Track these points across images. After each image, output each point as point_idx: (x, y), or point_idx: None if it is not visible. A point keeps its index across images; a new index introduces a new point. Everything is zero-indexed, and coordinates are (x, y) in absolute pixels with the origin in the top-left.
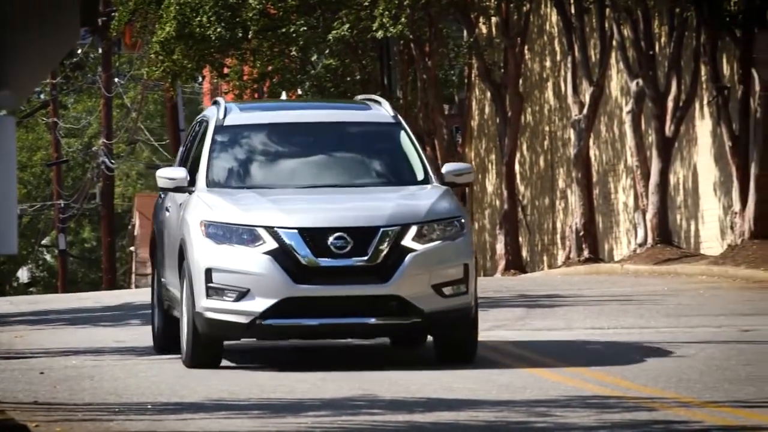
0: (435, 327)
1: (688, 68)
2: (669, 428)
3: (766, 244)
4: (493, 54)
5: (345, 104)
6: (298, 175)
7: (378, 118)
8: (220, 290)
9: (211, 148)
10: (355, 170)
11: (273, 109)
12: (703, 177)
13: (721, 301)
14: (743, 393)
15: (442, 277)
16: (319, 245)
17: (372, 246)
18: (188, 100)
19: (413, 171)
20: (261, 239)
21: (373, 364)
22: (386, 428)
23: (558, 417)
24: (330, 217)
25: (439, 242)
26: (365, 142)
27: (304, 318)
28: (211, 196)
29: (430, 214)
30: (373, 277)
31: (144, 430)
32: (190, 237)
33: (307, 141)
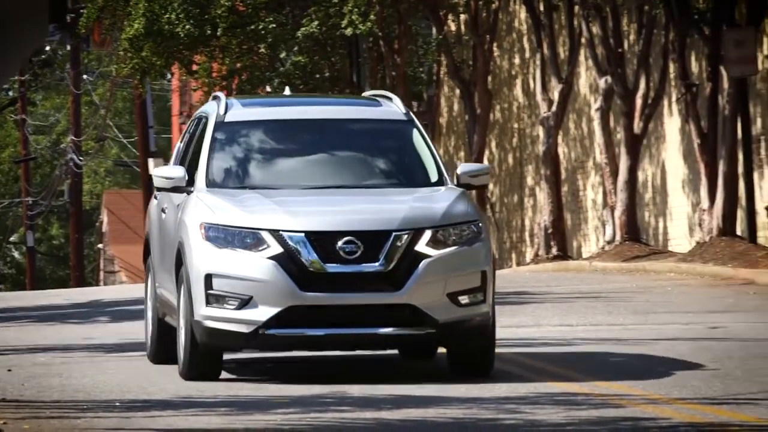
0: (450, 338)
1: (656, 66)
2: (637, 425)
3: (734, 241)
4: (462, 51)
5: (354, 100)
6: (303, 176)
7: (389, 115)
8: (220, 297)
9: (211, 146)
10: (364, 170)
11: (277, 104)
12: (672, 174)
13: (689, 298)
14: (711, 390)
15: (458, 284)
16: (327, 250)
17: (384, 251)
18: (157, 97)
19: (427, 172)
20: (265, 243)
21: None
22: (354, 425)
23: (527, 414)
24: (339, 219)
25: (455, 248)
26: (375, 141)
27: (311, 328)
28: (211, 197)
29: (446, 218)
30: (385, 285)
31: (112, 428)
32: (188, 240)
33: (313, 139)
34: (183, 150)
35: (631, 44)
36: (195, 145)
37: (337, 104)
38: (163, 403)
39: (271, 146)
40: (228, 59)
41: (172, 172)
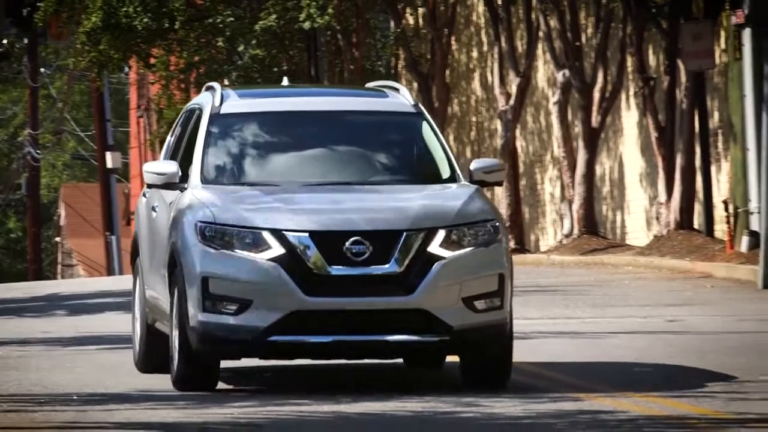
0: (465, 345)
1: (614, 59)
2: (595, 418)
3: (691, 234)
4: (420, 45)
5: (359, 91)
6: (306, 171)
7: (397, 107)
8: (218, 302)
9: (206, 139)
10: (371, 166)
11: (276, 95)
12: (629, 168)
13: (647, 291)
14: (669, 383)
15: (474, 288)
16: (334, 251)
17: (394, 252)
18: (114, 91)
19: (438, 167)
20: (266, 244)
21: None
22: (312, 418)
23: (485, 407)
24: (345, 218)
25: (470, 249)
26: (382, 134)
27: (315, 335)
28: (207, 194)
29: (460, 217)
30: (396, 289)
31: (69, 421)
32: (183, 241)
33: (316, 132)
34: (174, 144)
35: (588, 38)
36: (188, 139)
37: (341, 95)
38: (120, 397)
39: (271, 140)
40: (186, 53)
41: (164, 167)
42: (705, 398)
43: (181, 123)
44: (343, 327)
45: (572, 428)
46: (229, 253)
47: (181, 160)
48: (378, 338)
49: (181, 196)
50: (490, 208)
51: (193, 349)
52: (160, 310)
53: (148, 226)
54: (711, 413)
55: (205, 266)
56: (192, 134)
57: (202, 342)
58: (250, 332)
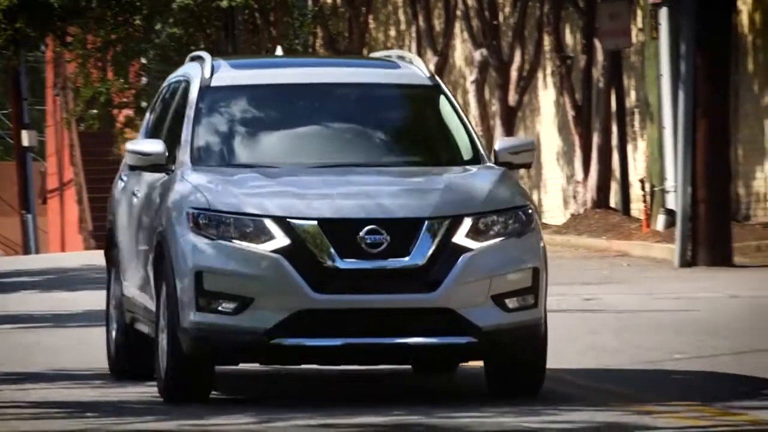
0: (495, 349)
1: (531, 38)
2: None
3: (607, 213)
4: (338, 23)
5: (367, 61)
6: (310, 152)
7: (411, 80)
8: (214, 300)
9: (195, 115)
10: (384, 146)
11: (274, 66)
12: (546, 146)
13: (564, 270)
14: (587, 361)
15: (505, 285)
16: (346, 242)
17: (415, 243)
18: (31, 69)
19: (459, 147)
20: (269, 233)
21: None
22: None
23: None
24: (360, 205)
25: (500, 240)
26: (396, 110)
27: (326, 337)
28: (200, 177)
29: (489, 203)
30: (417, 284)
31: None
32: (173, 230)
33: (320, 108)
34: (154, 122)
35: (506, 17)
36: (173, 116)
37: (349, 66)
38: (36, 376)
39: (269, 116)
40: (102, 31)
41: (149, 146)
42: (621, 378)
43: (162, 98)
44: (356, 328)
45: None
46: (227, 244)
47: (164, 139)
48: (397, 341)
49: (169, 180)
50: (523, 193)
51: (185, 354)
52: (142, 308)
53: (128, 213)
54: (624, 392)
55: (198, 259)
56: (178, 110)
57: (196, 345)
58: (250, 334)
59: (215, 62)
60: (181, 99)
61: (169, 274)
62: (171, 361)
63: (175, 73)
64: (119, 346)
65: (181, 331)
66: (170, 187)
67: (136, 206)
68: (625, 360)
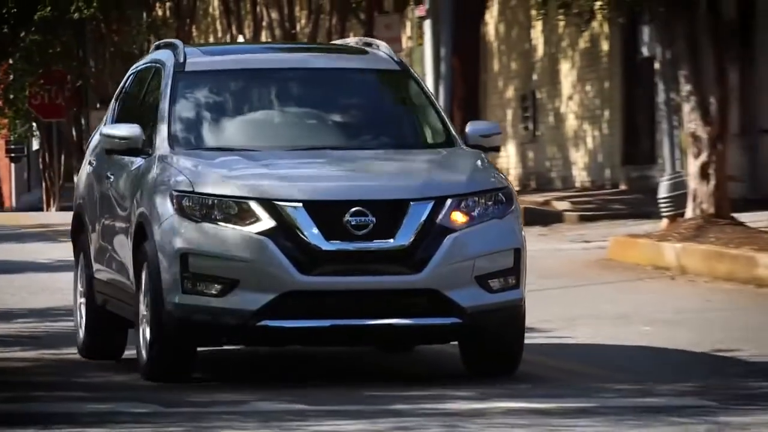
0: (478, 329)
1: None
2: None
3: None
4: (168, 32)
5: (336, 47)
6: (288, 135)
7: (380, 65)
8: (199, 282)
9: (171, 99)
10: (360, 129)
11: (246, 52)
12: None
13: None
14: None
15: (489, 266)
16: (332, 224)
17: (401, 225)
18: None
19: (432, 130)
20: (254, 215)
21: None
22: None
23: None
24: (345, 186)
25: (483, 221)
26: (368, 94)
27: (312, 319)
28: (182, 159)
29: (471, 185)
30: (403, 266)
31: None
32: (156, 212)
33: (294, 92)
34: (120, 109)
35: (302, 27)
36: (144, 101)
37: (319, 51)
38: None
39: (244, 100)
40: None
41: (126, 130)
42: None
43: (131, 84)
44: (342, 310)
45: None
46: (212, 226)
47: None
48: (382, 322)
49: (148, 163)
50: (501, 176)
51: (169, 336)
52: (117, 290)
53: (101, 196)
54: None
55: (183, 241)
56: (149, 95)
57: (181, 327)
58: (236, 316)
59: (187, 48)
60: (153, 84)
61: (152, 257)
62: (154, 344)
63: (142, 60)
64: (90, 328)
65: (166, 313)
66: (150, 170)
67: (111, 189)
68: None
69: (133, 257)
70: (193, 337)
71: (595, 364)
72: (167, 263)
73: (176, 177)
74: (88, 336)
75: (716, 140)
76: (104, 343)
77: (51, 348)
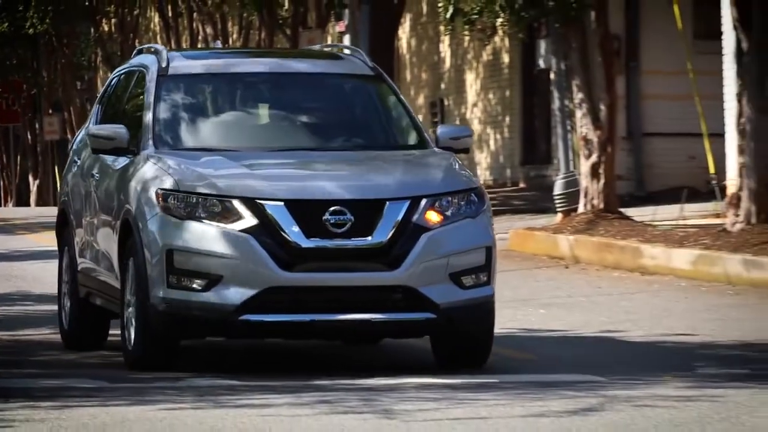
0: (451, 324)
1: None
2: None
3: None
4: (113, 45)
5: (313, 52)
6: (268, 136)
7: (355, 70)
8: (183, 277)
9: (155, 101)
10: (337, 131)
11: (227, 56)
12: None
13: None
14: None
15: (462, 263)
16: (312, 222)
17: (378, 223)
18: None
19: (405, 133)
20: (237, 213)
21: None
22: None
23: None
24: (324, 186)
25: (456, 220)
26: (345, 97)
27: (293, 313)
28: (166, 159)
29: (445, 185)
30: (379, 263)
31: None
32: (141, 210)
33: (273, 95)
34: (104, 111)
35: (235, 40)
36: (129, 103)
37: (296, 57)
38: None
39: (226, 102)
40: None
41: (112, 131)
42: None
43: (113, 88)
44: (322, 305)
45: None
46: (196, 223)
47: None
48: (360, 317)
49: (134, 162)
50: (472, 176)
51: (155, 329)
52: (100, 283)
53: (86, 194)
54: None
55: (168, 238)
56: (132, 98)
57: (165, 321)
58: (220, 310)
59: (170, 54)
60: (136, 87)
61: (138, 252)
62: (139, 335)
63: (124, 65)
64: (73, 319)
65: (151, 307)
66: (136, 168)
67: (96, 187)
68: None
69: (118, 253)
70: (177, 331)
71: (497, 343)
72: (152, 259)
73: (161, 176)
74: (71, 327)
75: (605, 143)
76: (87, 334)
77: (8, 330)
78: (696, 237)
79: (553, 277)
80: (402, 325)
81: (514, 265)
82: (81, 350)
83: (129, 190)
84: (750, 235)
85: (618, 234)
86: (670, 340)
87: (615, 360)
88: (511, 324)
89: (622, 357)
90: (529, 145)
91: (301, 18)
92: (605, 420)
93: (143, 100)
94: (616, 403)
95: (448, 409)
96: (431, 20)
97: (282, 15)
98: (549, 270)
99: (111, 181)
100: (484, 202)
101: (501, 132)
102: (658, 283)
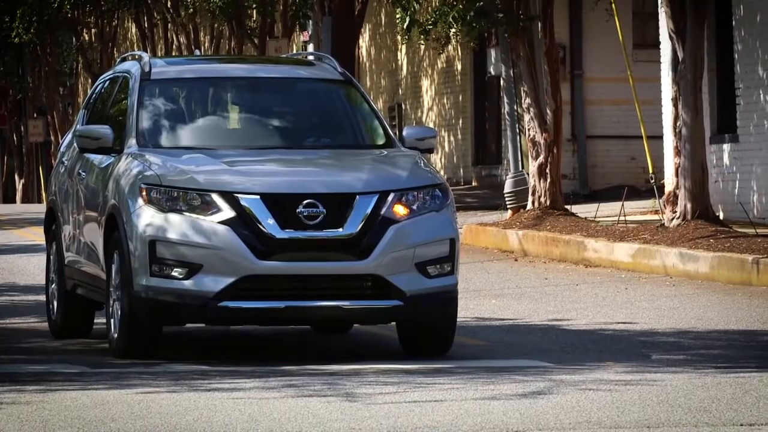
0: (417, 311)
1: None
2: None
3: None
4: (93, 54)
5: (286, 59)
6: (245, 136)
7: (326, 75)
8: (165, 266)
9: (138, 104)
10: (310, 130)
11: (205, 62)
12: None
13: None
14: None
15: (427, 254)
16: (286, 214)
17: (348, 216)
18: None
19: (373, 133)
20: (216, 207)
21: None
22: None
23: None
24: (298, 181)
25: (422, 213)
26: (316, 101)
27: (268, 300)
28: (149, 156)
29: (411, 180)
30: (349, 253)
31: None
32: (126, 204)
33: (249, 98)
34: (90, 114)
35: (206, 49)
36: (114, 106)
37: (270, 63)
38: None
39: (205, 105)
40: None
41: (98, 131)
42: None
43: (99, 92)
44: (295, 292)
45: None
46: (177, 216)
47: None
48: (331, 304)
49: (119, 160)
50: (437, 173)
51: (138, 316)
52: (87, 275)
53: (73, 191)
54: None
55: (151, 230)
56: (117, 101)
57: (149, 308)
58: (200, 298)
59: (152, 60)
60: (120, 91)
61: (122, 244)
62: (124, 323)
63: (109, 72)
64: (60, 309)
65: (135, 295)
66: (120, 166)
67: (83, 185)
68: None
69: (104, 245)
70: (159, 317)
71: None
72: (136, 250)
73: (145, 171)
74: (59, 317)
75: (552, 145)
76: (73, 323)
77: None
78: (636, 232)
79: (504, 270)
80: (371, 311)
81: (468, 258)
82: (66, 338)
83: (114, 186)
84: (686, 230)
85: (563, 229)
86: (612, 328)
87: (561, 347)
88: (464, 313)
89: (568, 344)
90: (481, 146)
91: (269, 28)
92: (552, 403)
93: (127, 103)
94: (562, 387)
95: (406, 392)
96: (389, 30)
97: (250, 25)
98: (500, 263)
99: (97, 179)
100: (447, 197)
101: (455, 134)
102: (600, 275)
